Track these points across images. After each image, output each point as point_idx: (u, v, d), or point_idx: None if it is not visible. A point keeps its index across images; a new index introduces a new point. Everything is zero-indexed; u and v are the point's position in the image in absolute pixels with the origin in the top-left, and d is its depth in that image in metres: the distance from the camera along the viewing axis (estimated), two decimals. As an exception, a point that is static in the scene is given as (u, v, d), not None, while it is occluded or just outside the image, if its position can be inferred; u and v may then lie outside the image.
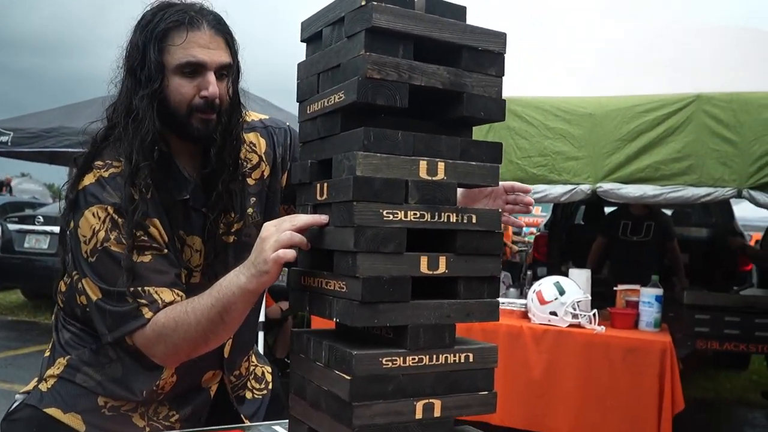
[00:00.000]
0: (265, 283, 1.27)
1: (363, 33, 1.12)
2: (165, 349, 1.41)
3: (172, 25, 1.43)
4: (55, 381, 1.57)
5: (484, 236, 1.21)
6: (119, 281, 1.40)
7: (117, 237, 1.41)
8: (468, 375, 1.20)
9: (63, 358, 1.59)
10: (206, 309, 1.34)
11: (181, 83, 1.45)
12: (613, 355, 3.53)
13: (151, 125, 1.43)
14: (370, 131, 1.12)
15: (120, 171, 1.46)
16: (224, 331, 1.39)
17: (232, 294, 1.30)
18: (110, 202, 1.43)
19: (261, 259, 1.24)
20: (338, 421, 1.13)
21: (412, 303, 1.14)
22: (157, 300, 1.41)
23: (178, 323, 1.37)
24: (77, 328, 1.59)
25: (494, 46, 1.23)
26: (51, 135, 6.16)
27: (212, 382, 1.67)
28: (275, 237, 1.22)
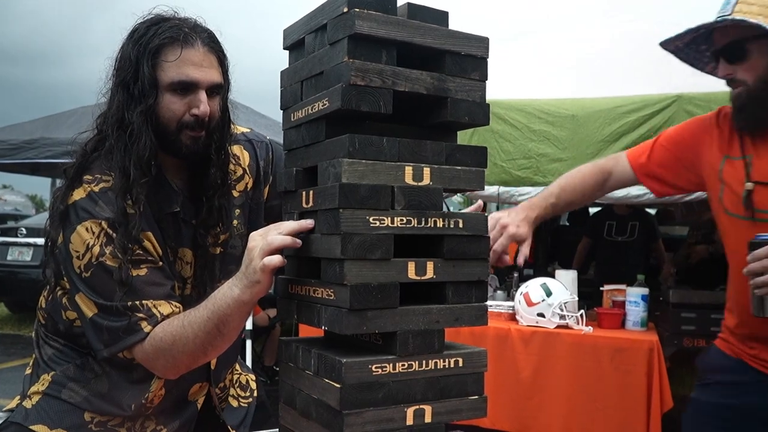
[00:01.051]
0: (258, 292, 1.26)
1: (346, 40, 1.12)
2: (165, 362, 1.41)
3: (166, 41, 1.42)
4: (40, 397, 1.55)
5: (471, 240, 1.21)
6: (116, 296, 1.40)
7: (112, 251, 1.40)
8: (458, 380, 1.19)
9: (47, 374, 1.56)
10: (203, 322, 1.34)
11: (172, 100, 1.44)
12: (601, 355, 3.54)
13: (148, 141, 1.43)
14: (355, 138, 1.12)
15: (111, 185, 1.45)
16: (222, 342, 1.39)
17: (227, 306, 1.30)
18: (103, 216, 1.42)
19: (251, 270, 1.23)
20: (329, 429, 1.13)
21: (400, 309, 1.14)
22: (156, 314, 1.40)
23: (176, 337, 1.37)
24: (60, 344, 1.58)
25: (477, 51, 1.23)
26: (32, 146, 6.10)
27: (199, 395, 1.66)
28: (261, 245, 1.21)
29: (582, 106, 4.04)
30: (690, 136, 1.93)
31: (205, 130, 1.48)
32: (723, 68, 1.73)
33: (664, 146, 1.98)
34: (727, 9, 1.67)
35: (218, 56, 1.50)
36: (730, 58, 1.71)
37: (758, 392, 1.76)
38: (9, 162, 6.47)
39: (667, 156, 1.96)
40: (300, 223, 1.22)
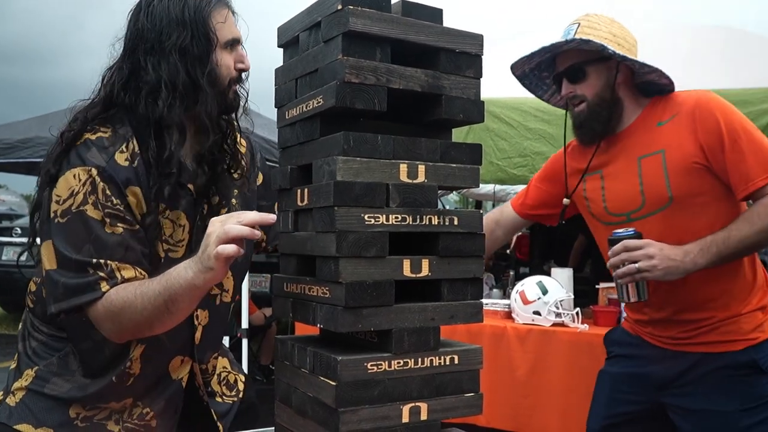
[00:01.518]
0: (211, 279, 1.26)
1: (340, 37, 1.12)
2: (111, 326, 1.40)
3: (214, 5, 1.50)
4: (24, 393, 1.53)
5: (467, 238, 1.21)
6: (84, 249, 1.38)
7: (94, 202, 1.39)
8: (454, 377, 1.20)
9: (31, 369, 1.55)
10: (153, 296, 1.33)
11: (226, 56, 1.52)
12: (597, 352, 3.52)
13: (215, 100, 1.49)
14: (349, 135, 1.12)
15: (108, 135, 1.45)
16: (169, 320, 1.37)
17: (179, 286, 1.30)
18: (94, 163, 1.41)
19: (206, 256, 1.24)
20: (325, 427, 1.13)
21: (395, 306, 1.14)
22: (117, 276, 1.38)
23: (125, 304, 1.35)
24: (45, 335, 1.56)
25: (471, 48, 1.23)
26: (27, 145, 6.07)
27: (182, 372, 1.63)
28: (218, 232, 1.21)
29: (577, 104, 4.04)
30: (553, 171, 2.20)
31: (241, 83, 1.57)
32: (566, 87, 1.95)
33: (537, 186, 2.28)
34: (571, 34, 1.91)
35: None
36: (571, 79, 1.94)
37: (655, 363, 2.01)
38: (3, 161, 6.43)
39: (541, 193, 2.25)
40: (262, 216, 1.22)
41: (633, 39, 1.97)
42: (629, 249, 1.78)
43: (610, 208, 1.98)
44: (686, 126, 1.84)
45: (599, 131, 1.94)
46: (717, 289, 1.89)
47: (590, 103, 1.92)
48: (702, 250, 1.76)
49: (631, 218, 1.93)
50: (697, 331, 1.92)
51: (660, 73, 1.90)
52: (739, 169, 1.77)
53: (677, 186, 1.83)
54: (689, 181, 1.83)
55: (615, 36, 1.90)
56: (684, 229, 1.84)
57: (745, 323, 1.90)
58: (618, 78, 1.92)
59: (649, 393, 2.03)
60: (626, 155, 1.94)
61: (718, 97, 1.90)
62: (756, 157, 1.77)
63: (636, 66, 1.90)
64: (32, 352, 1.57)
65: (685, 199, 1.84)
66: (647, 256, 1.76)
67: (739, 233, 1.76)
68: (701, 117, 1.83)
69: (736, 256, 1.80)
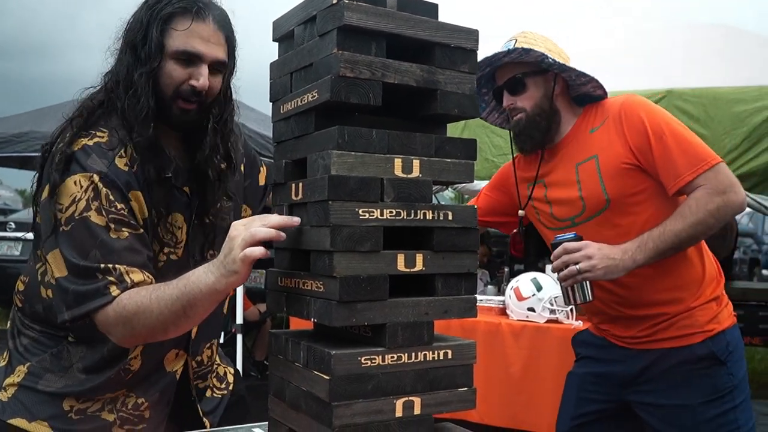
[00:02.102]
0: (234, 283, 1.25)
1: (335, 31, 1.12)
2: (123, 331, 1.38)
3: (178, 11, 1.46)
4: (16, 389, 1.53)
5: (461, 233, 1.21)
6: (91, 255, 1.38)
7: (98, 207, 1.39)
8: (447, 372, 1.20)
9: (23, 365, 1.55)
10: (171, 300, 1.32)
11: (174, 68, 1.47)
12: (590, 349, 3.55)
13: (146, 103, 1.45)
14: (344, 130, 1.12)
15: (105, 141, 1.45)
16: (186, 324, 1.37)
17: (199, 291, 1.29)
18: (95, 169, 1.41)
19: (230, 259, 1.22)
20: (318, 421, 1.13)
21: (389, 301, 1.14)
22: (126, 280, 1.38)
23: (140, 308, 1.35)
24: (36, 332, 1.56)
25: (467, 43, 1.23)
26: (21, 140, 6.03)
27: (176, 365, 1.64)
28: (243, 235, 1.20)
29: (572, 101, 4.04)
30: (503, 180, 2.28)
31: (198, 104, 1.50)
32: (506, 99, 2.02)
33: (487, 195, 2.36)
34: (510, 45, 1.96)
35: (227, 35, 1.52)
36: (512, 91, 2.01)
37: (618, 362, 2.06)
38: (-2, 155, 6.41)
39: (491, 202, 2.32)
40: (286, 218, 1.21)
41: (566, 55, 2.04)
42: (569, 251, 1.84)
43: (555, 214, 2.05)
44: (615, 129, 1.92)
45: (538, 140, 2.01)
46: (666, 285, 1.93)
47: (529, 113, 1.99)
48: (639, 247, 1.82)
49: (575, 222, 2.00)
50: (655, 329, 1.96)
51: (595, 83, 1.99)
52: (667, 166, 1.83)
53: (612, 188, 1.90)
54: (623, 182, 1.89)
55: (550, 51, 1.97)
56: (626, 229, 1.90)
57: (700, 316, 1.94)
58: (555, 89, 2.00)
59: (614, 391, 2.08)
60: (565, 163, 2.01)
61: (643, 99, 1.97)
62: (683, 154, 1.82)
63: (573, 76, 1.99)
64: (23, 349, 1.57)
65: (621, 200, 1.90)
66: (586, 257, 1.81)
67: (673, 228, 1.81)
68: (627, 119, 1.89)
69: (675, 250, 1.84)
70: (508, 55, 1.96)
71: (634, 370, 2.02)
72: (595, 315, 2.14)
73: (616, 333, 2.06)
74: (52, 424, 1.51)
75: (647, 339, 1.99)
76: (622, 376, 2.05)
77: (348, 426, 1.09)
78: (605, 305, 2.01)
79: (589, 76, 1.97)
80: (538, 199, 2.11)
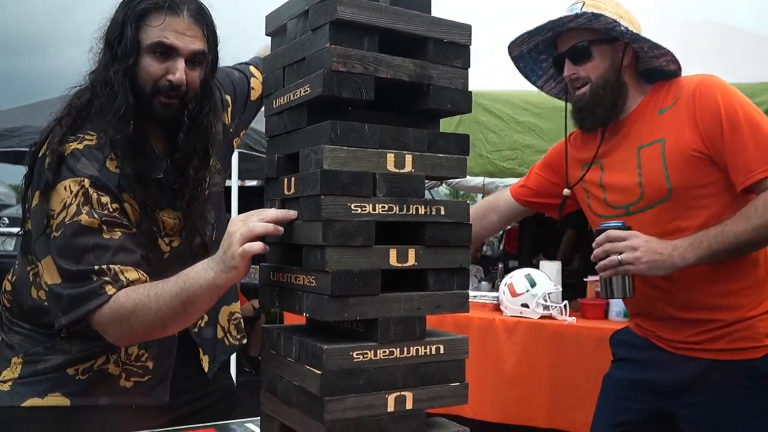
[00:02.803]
0: (233, 278, 1.26)
1: (327, 26, 1.11)
2: (120, 329, 1.39)
3: (152, 6, 1.46)
4: (15, 378, 1.54)
5: (453, 228, 1.21)
6: (85, 258, 1.38)
7: (89, 211, 1.39)
8: (439, 366, 1.20)
9: (17, 356, 1.55)
10: (169, 297, 1.32)
11: (150, 63, 1.47)
12: (584, 345, 3.56)
13: (124, 99, 1.45)
14: (336, 124, 1.12)
15: (94, 143, 1.46)
16: (184, 320, 1.38)
17: (198, 287, 1.29)
18: (86, 174, 1.41)
19: (229, 255, 1.22)
20: (310, 416, 1.13)
21: (381, 296, 1.14)
22: (122, 279, 1.38)
23: (137, 306, 1.35)
24: (26, 330, 1.56)
25: (460, 38, 1.23)
26: (14, 134, 6.00)
27: None
28: (241, 231, 1.20)
29: (568, 97, 4.04)
30: (555, 159, 2.10)
31: (179, 99, 1.50)
32: (568, 68, 1.84)
33: (537, 173, 2.18)
34: (577, 8, 1.78)
35: (204, 29, 1.52)
36: (575, 59, 1.83)
37: (662, 368, 1.88)
38: (-10, 150, 6.38)
39: (541, 181, 2.15)
40: (283, 212, 1.21)
41: (638, 24, 1.85)
42: (612, 240, 1.70)
43: (609, 200, 1.89)
44: (686, 111, 1.73)
45: (600, 116, 1.82)
46: (721, 289, 1.75)
47: (593, 85, 1.80)
48: (692, 245, 1.66)
49: (629, 211, 1.83)
50: (708, 335, 1.77)
51: (670, 57, 1.80)
52: (738, 158, 1.65)
53: (676, 177, 1.72)
54: (689, 172, 1.71)
55: (621, 17, 1.77)
56: (684, 225, 1.74)
57: (762, 327, 1.74)
58: (624, 60, 1.81)
59: (655, 400, 1.90)
60: (626, 145, 1.84)
61: (722, 80, 1.76)
62: (757, 147, 1.64)
63: (645, 47, 1.79)
64: (16, 343, 1.57)
65: (685, 192, 1.73)
66: (631, 248, 1.68)
67: (734, 229, 1.63)
68: (700, 100, 1.70)
69: (731, 254, 1.66)
70: (574, 19, 1.77)
71: (679, 378, 1.83)
72: (640, 314, 1.95)
73: (663, 335, 1.87)
74: (64, 391, 1.52)
75: (698, 346, 1.79)
76: (665, 383, 1.87)
77: (340, 421, 1.09)
78: (650, 303, 1.83)
79: (664, 49, 1.77)
80: (591, 182, 1.92)
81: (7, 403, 1.52)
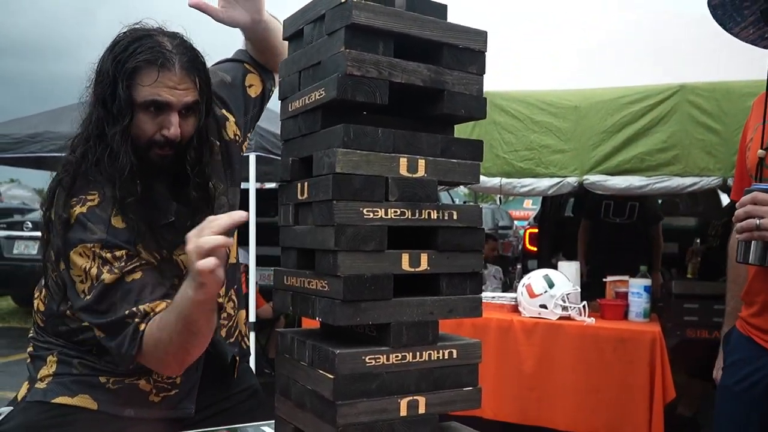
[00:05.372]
0: (209, 292, 1.28)
1: (343, 30, 1.11)
2: (157, 362, 1.46)
3: (142, 64, 1.44)
4: (51, 378, 1.59)
5: (466, 232, 1.21)
6: (118, 308, 1.42)
7: (110, 269, 1.43)
8: (452, 371, 1.19)
9: (52, 354, 1.60)
10: (173, 325, 1.37)
11: (144, 119, 1.47)
12: (603, 346, 3.54)
13: (127, 160, 1.45)
14: (350, 128, 1.12)
15: (97, 203, 1.48)
16: (200, 339, 1.42)
17: (187, 307, 1.33)
18: (95, 239, 1.45)
19: (194, 272, 1.26)
20: (323, 420, 1.13)
21: (394, 300, 1.14)
22: (149, 312, 1.43)
23: (156, 341, 1.40)
24: (60, 346, 1.62)
25: (475, 44, 1.22)
26: (36, 140, 6.10)
27: None
28: (193, 248, 1.23)
29: (584, 96, 4.02)
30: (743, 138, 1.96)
31: (174, 150, 1.51)
32: None
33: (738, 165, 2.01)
34: None
35: (196, 77, 1.51)
36: None
37: None
38: (13, 156, 6.47)
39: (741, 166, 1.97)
40: (232, 218, 1.22)
41: None
42: (757, 202, 1.58)
43: None
44: None
45: None
46: None
47: None
48: None
49: None
50: None
51: None
52: None
53: None
54: None
55: None
56: None
57: None
58: None
59: None
60: None
61: None
62: None
63: None
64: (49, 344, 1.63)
65: None
66: None
67: None
68: None
69: None
70: None
71: None
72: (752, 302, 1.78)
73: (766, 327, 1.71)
74: (94, 395, 1.57)
75: None
76: None
77: (352, 425, 1.10)
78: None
79: None
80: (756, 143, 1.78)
81: (40, 398, 1.57)
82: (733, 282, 2.01)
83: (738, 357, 1.84)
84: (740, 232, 1.61)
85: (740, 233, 1.61)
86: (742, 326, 1.86)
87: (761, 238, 1.57)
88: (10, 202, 18.80)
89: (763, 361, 1.75)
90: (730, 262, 2.01)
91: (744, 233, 1.60)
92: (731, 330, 1.95)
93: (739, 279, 1.95)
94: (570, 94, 4.07)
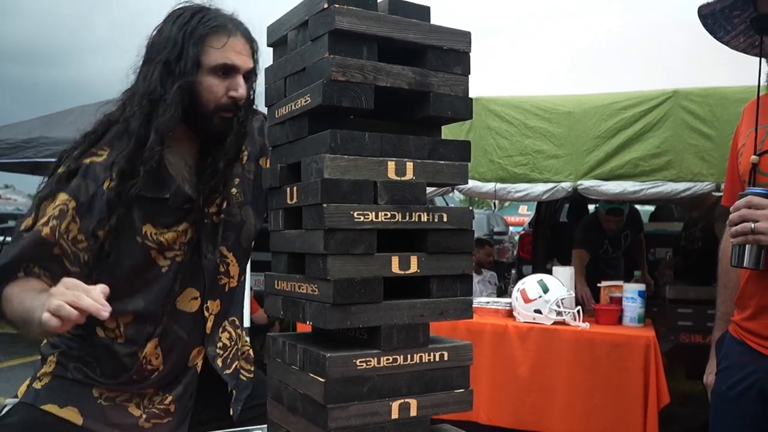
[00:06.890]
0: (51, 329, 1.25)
1: (327, 36, 1.12)
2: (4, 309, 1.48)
3: (213, 29, 1.54)
4: (49, 379, 1.60)
5: (455, 234, 1.21)
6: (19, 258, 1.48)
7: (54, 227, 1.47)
8: (443, 373, 1.20)
9: (53, 355, 1.62)
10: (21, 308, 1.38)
11: (213, 82, 1.55)
12: (598, 351, 3.55)
13: (176, 114, 1.51)
14: (336, 133, 1.12)
15: (103, 159, 1.52)
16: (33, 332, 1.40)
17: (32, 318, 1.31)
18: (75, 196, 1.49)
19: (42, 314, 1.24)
20: (314, 423, 1.13)
21: (384, 303, 1.14)
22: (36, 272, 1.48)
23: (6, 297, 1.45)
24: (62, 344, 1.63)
25: (459, 45, 1.23)
26: (31, 145, 6.09)
27: (197, 359, 1.69)
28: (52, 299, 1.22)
29: (578, 102, 4.03)
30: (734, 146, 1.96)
31: (234, 114, 1.58)
32: None
33: (729, 170, 2.01)
34: None
35: (253, 47, 1.61)
36: None
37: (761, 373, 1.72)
38: (7, 161, 6.46)
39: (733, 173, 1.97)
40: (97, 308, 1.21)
41: None
42: (752, 206, 1.58)
43: (762, 167, 1.73)
44: None
45: None
46: None
47: None
48: None
49: None
50: None
51: None
52: None
53: None
54: None
55: None
56: None
57: None
58: None
59: None
60: None
61: None
62: None
63: None
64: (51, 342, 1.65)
65: None
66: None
67: None
68: None
69: None
70: None
71: None
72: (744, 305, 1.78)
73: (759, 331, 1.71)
74: (82, 409, 1.57)
75: None
76: None
77: (343, 428, 1.10)
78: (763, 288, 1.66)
79: None
80: (748, 149, 1.77)
81: (31, 401, 1.58)
82: (724, 287, 2.01)
83: (732, 361, 1.84)
84: (734, 236, 1.60)
85: (734, 237, 1.60)
86: (735, 330, 1.85)
87: (756, 241, 1.57)
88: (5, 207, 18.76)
89: (756, 365, 1.75)
90: (721, 266, 2.03)
91: (738, 237, 1.59)
92: (724, 334, 1.94)
93: (729, 284, 1.96)
94: (564, 99, 4.09)
